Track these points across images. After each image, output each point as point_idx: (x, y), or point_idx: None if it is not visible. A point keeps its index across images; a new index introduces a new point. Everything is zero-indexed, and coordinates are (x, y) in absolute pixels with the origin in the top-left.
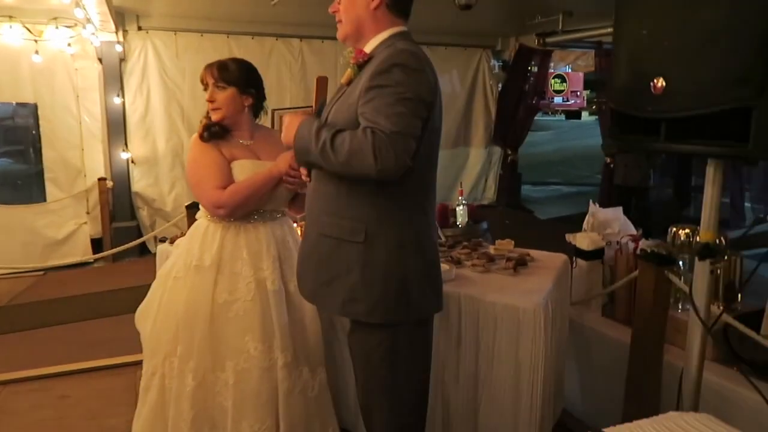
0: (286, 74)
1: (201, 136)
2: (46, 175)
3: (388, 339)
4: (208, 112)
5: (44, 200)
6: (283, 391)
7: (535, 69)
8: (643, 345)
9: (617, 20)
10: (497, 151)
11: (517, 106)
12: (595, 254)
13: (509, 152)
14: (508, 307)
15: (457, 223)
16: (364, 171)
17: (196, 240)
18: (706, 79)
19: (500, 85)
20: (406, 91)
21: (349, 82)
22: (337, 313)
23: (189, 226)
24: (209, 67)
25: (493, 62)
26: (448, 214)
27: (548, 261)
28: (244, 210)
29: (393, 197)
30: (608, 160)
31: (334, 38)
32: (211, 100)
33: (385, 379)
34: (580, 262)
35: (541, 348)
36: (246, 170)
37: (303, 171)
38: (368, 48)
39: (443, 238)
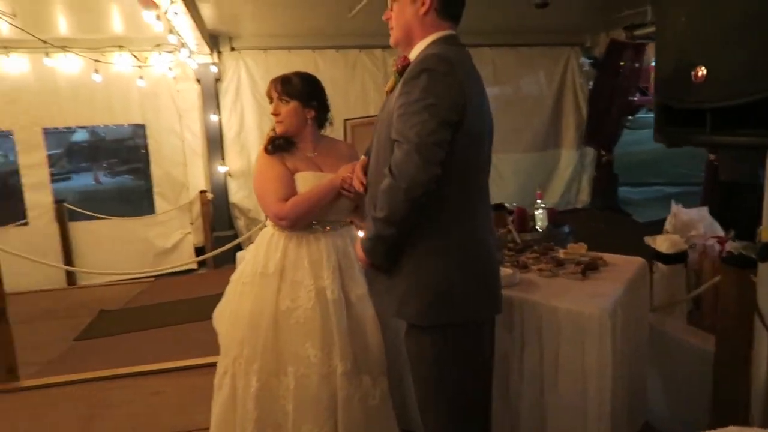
0: (370, 84)
1: (266, 149)
2: (155, 190)
3: (438, 341)
4: (273, 127)
5: (153, 213)
6: (342, 399)
7: (629, 64)
8: (727, 354)
9: (658, 10)
10: (590, 152)
11: (610, 104)
12: (677, 258)
13: (603, 153)
14: (571, 313)
15: (537, 227)
16: (401, 199)
17: (262, 248)
18: (746, 65)
19: (591, 84)
20: (430, 97)
21: (392, 90)
22: (393, 315)
23: None
24: (273, 81)
25: (583, 60)
26: (526, 218)
27: (623, 265)
28: (306, 221)
29: (435, 204)
30: (712, 156)
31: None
32: (275, 114)
33: (437, 380)
34: (661, 266)
35: (609, 355)
36: (308, 182)
37: (357, 182)
38: (413, 54)
39: (519, 242)
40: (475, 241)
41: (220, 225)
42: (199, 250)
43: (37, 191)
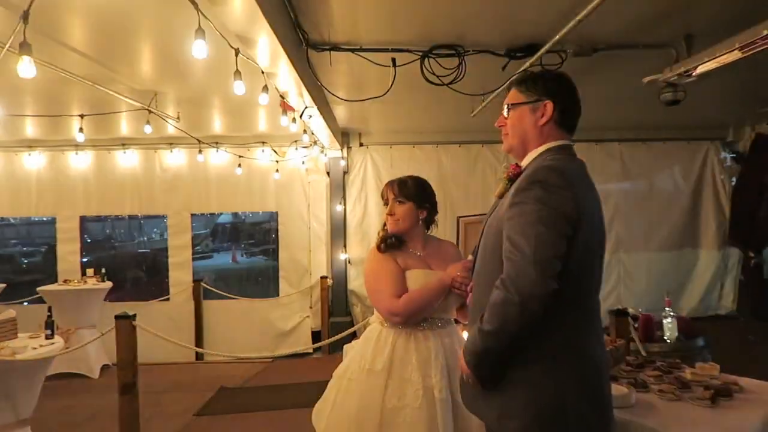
0: (492, 178)
1: (378, 248)
2: (280, 273)
3: None
4: (384, 225)
5: (278, 295)
6: None
7: None
8: None
9: None
10: (735, 253)
11: (759, 202)
12: None
13: (751, 254)
14: None
15: (665, 338)
16: (514, 314)
17: (370, 344)
18: None
19: (734, 180)
20: (545, 209)
21: (501, 195)
22: (492, 426)
23: None
24: (390, 184)
25: (724, 154)
26: (653, 327)
27: (763, 393)
28: (418, 317)
29: (546, 317)
30: None
31: None
32: (391, 213)
33: None
34: None
35: None
36: (419, 279)
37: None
38: (525, 161)
39: (643, 353)
40: (587, 358)
41: (338, 311)
42: (315, 334)
43: (181, 270)
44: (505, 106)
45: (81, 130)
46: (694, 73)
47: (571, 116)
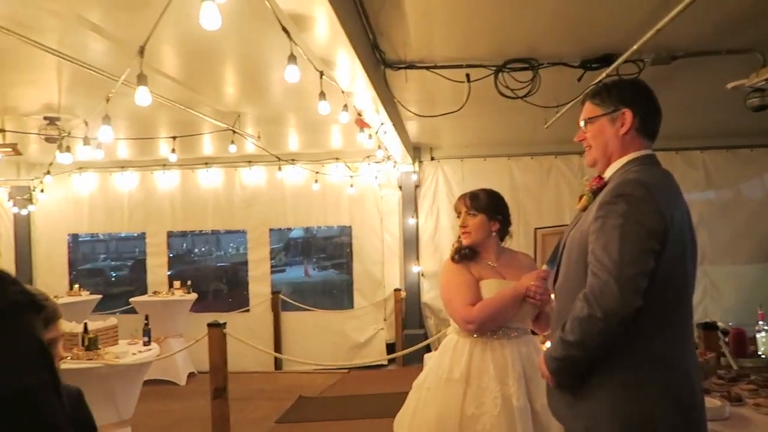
0: (565, 190)
1: (453, 258)
2: (354, 286)
3: None
4: (459, 237)
5: (352, 307)
6: None
7: None
8: None
9: None
10: None
11: None
12: None
13: None
14: None
15: (759, 353)
16: (596, 329)
17: (447, 354)
18: None
19: None
20: (629, 224)
21: (585, 209)
22: None
23: None
24: (462, 197)
25: None
26: (745, 341)
27: None
28: (492, 325)
29: (634, 329)
30: None
31: None
32: (463, 226)
33: None
34: None
35: None
36: (493, 289)
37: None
38: (608, 172)
39: (735, 367)
40: (677, 369)
41: (411, 323)
42: (389, 346)
43: (260, 282)
44: (582, 122)
45: (173, 150)
46: None
47: (653, 122)
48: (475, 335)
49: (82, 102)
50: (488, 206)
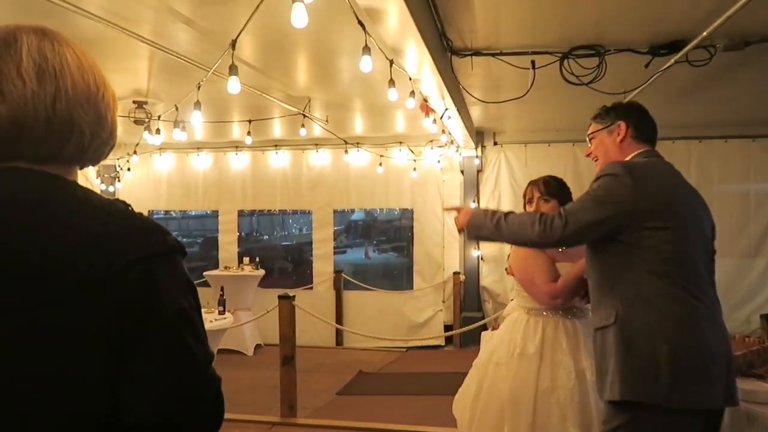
0: None
1: None
2: (414, 267)
3: (630, 424)
4: None
5: (412, 288)
6: None
7: None
8: None
9: None
10: None
11: None
12: None
13: None
14: None
15: None
16: (525, 239)
17: (518, 330)
18: None
19: None
20: (600, 189)
21: None
22: (604, 398)
23: None
24: (535, 183)
25: None
26: None
27: None
28: (572, 299)
29: (628, 288)
30: None
31: (688, 138)
32: (536, 211)
33: None
34: None
35: None
36: (562, 270)
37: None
38: None
39: None
40: (685, 325)
41: (470, 306)
42: (447, 329)
43: (323, 261)
44: (587, 138)
45: (249, 133)
46: None
47: (646, 130)
48: (550, 313)
49: (167, 88)
50: (559, 192)
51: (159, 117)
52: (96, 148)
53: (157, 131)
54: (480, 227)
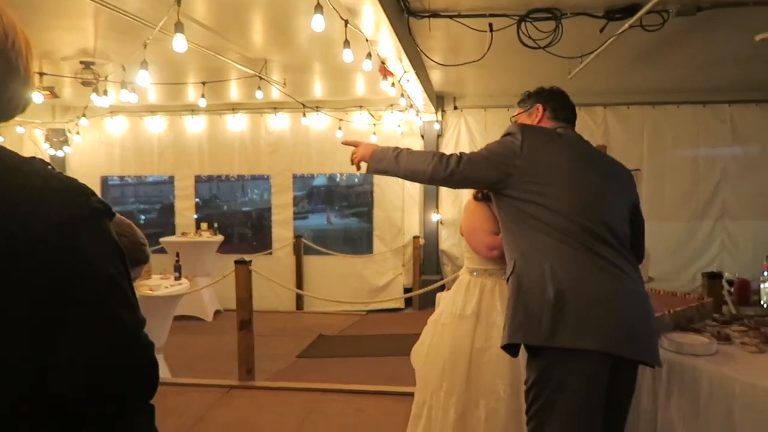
0: (590, 141)
1: (476, 197)
2: (375, 232)
3: (538, 378)
4: None
5: (372, 252)
6: None
7: None
8: None
9: None
10: None
11: None
12: None
13: None
14: None
15: (762, 302)
16: (421, 169)
17: (460, 293)
18: None
19: None
20: (492, 147)
21: None
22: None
23: None
24: None
25: None
26: (748, 291)
27: None
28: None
29: (523, 241)
30: None
31: (643, 103)
32: None
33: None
34: None
35: None
36: None
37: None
38: None
39: (734, 312)
40: (563, 271)
41: (429, 269)
42: (407, 292)
43: (283, 227)
44: (511, 121)
45: (203, 95)
46: None
47: (562, 111)
48: (484, 276)
49: (115, 47)
50: None
51: (105, 78)
52: (8, 101)
53: (104, 92)
54: (381, 159)
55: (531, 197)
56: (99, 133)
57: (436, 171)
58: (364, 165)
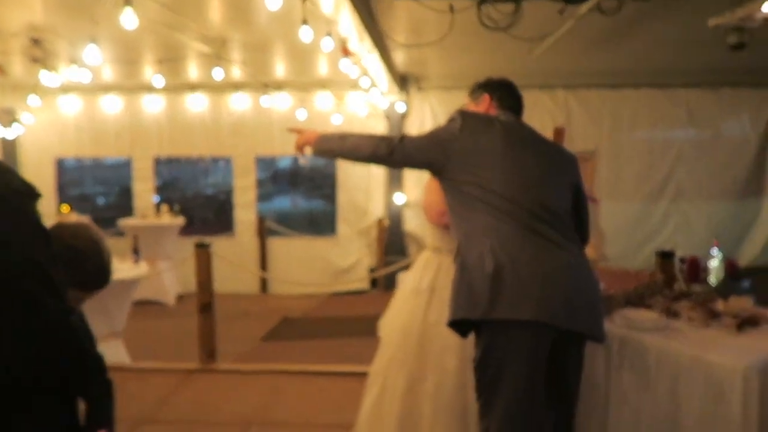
0: (549, 123)
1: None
2: (339, 214)
3: (482, 354)
4: None
5: (336, 234)
6: (473, 412)
7: None
8: None
9: None
10: None
11: None
12: None
13: None
14: (712, 365)
15: (708, 279)
16: (364, 147)
17: (419, 269)
18: None
19: None
20: (435, 130)
21: None
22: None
23: None
24: None
25: None
26: (698, 268)
27: None
28: None
29: (466, 222)
30: None
31: (602, 86)
32: None
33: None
34: None
35: (755, 421)
36: None
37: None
38: None
39: (684, 289)
40: (496, 252)
41: (393, 250)
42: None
43: (245, 209)
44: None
45: (160, 73)
46: (758, 15)
47: (508, 100)
48: (443, 253)
49: (66, 23)
50: None
51: (53, 54)
52: None
53: (55, 69)
54: (327, 140)
55: (470, 178)
56: (52, 113)
57: (378, 149)
58: (308, 149)
